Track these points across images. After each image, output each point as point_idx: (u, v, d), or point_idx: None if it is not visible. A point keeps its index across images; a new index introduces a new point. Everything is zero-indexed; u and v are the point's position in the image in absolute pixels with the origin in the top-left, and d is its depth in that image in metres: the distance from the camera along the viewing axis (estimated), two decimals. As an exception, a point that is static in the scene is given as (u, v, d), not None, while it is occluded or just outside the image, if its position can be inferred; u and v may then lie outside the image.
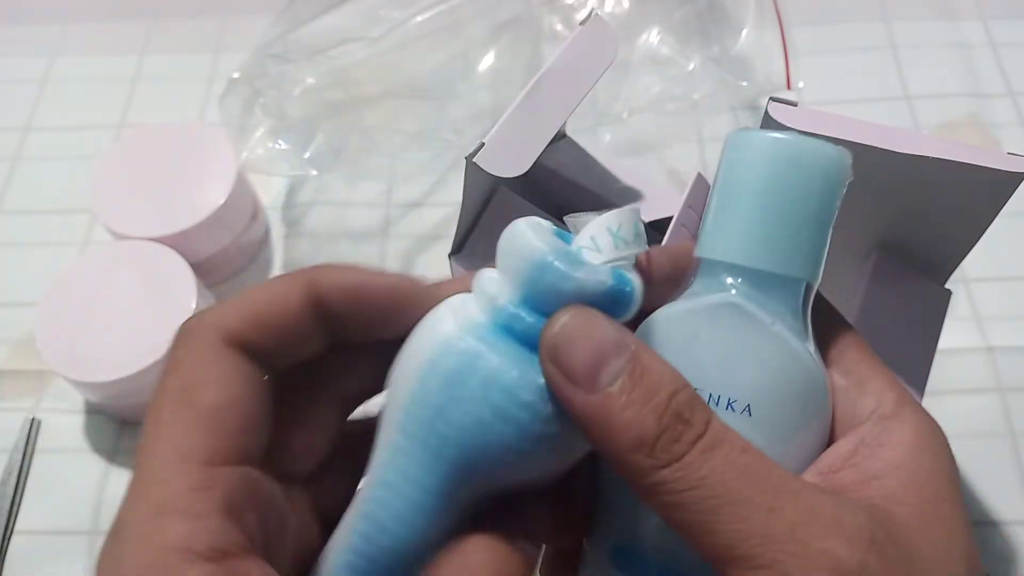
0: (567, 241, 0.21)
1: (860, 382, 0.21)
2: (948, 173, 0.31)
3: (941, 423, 0.47)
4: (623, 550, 0.21)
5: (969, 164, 0.31)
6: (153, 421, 0.20)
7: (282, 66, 0.47)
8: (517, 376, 0.19)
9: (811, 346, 0.20)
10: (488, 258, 0.40)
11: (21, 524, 0.44)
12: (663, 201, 0.40)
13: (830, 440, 0.21)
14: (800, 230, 0.20)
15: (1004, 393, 0.45)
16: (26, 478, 0.45)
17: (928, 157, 0.31)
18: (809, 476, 0.20)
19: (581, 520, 0.22)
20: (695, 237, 0.33)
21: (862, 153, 0.32)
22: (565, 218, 0.22)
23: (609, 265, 0.20)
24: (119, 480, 0.45)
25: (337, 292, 0.22)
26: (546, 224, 0.21)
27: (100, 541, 0.46)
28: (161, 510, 0.18)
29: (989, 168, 0.30)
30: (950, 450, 0.20)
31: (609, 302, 0.19)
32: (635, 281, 0.20)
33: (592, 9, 0.38)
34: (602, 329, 0.19)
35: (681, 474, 0.18)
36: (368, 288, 0.23)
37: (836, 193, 0.20)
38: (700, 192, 0.37)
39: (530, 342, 0.19)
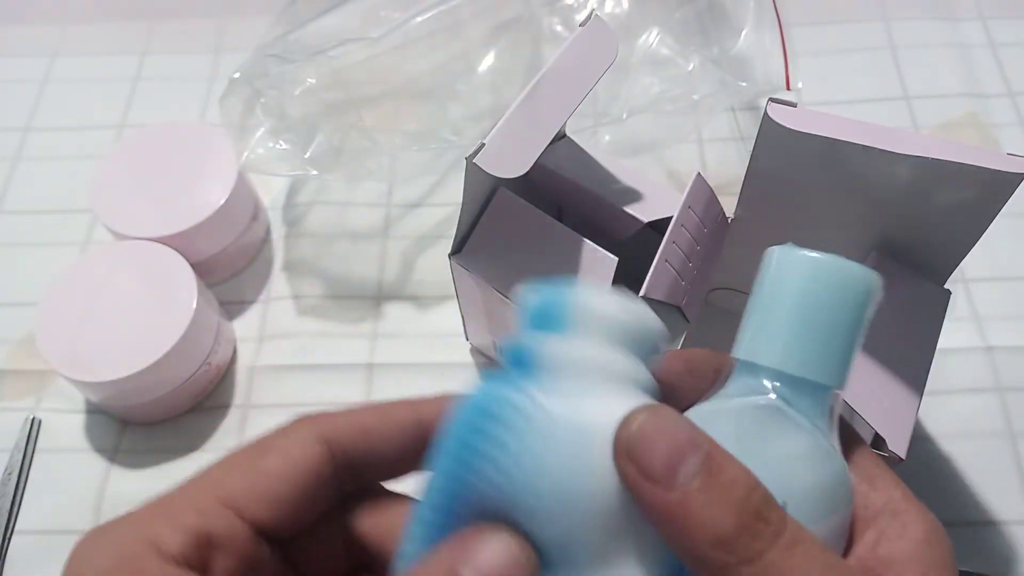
0: None
1: (870, 479, 0.22)
2: (948, 173, 0.31)
3: (941, 423, 0.47)
4: None
5: (969, 164, 0.31)
6: (221, 458, 0.22)
7: (282, 66, 0.47)
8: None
9: (838, 445, 0.22)
10: (488, 258, 0.40)
11: (21, 524, 0.44)
12: (663, 201, 0.40)
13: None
14: (834, 342, 0.22)
15: (1003, 393, 0.45)
16: (26, 478, 0.45)
17: (928, 157, 0.31)
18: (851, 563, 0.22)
19: None
20: (695, 238, 0.33)
21: (862, 154, 0.32)
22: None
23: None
24: (119, 480, 0.45)
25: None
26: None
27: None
28: (161, 511, 0.21)
29: (989, 168, 0.30)
30: (950, 544, 0.22)
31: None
32: (634, 302, 0.21)
33: (592, 10, 0.39)
34: (677, 427, 0.19)
35: (764, 571, 0.18)
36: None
37: (866, 310, 0.22)
38: (699, 192, 0.37)
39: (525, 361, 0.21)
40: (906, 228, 0.35)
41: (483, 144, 0.33)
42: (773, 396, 0.22)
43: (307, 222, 0.54)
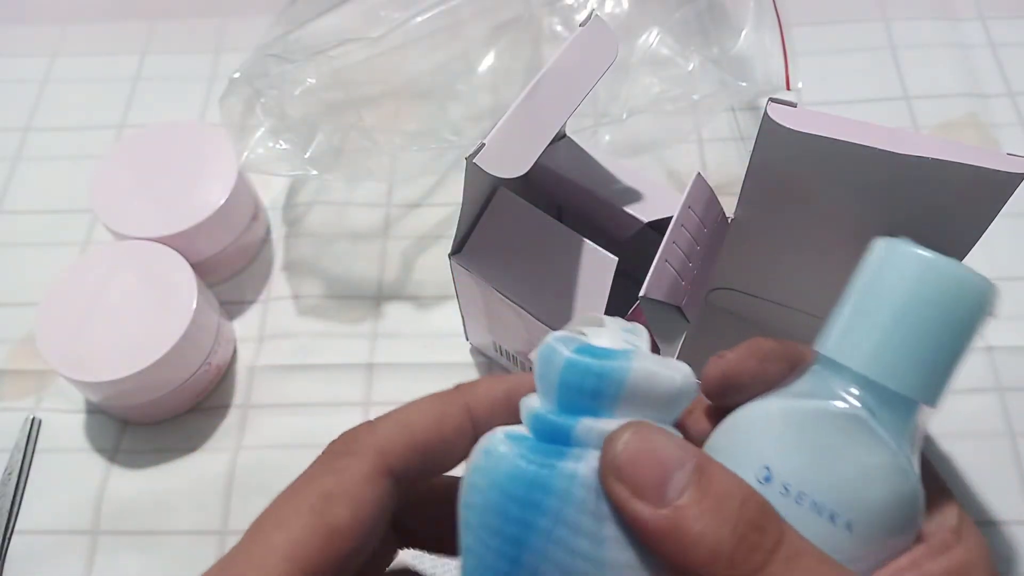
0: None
1: (931, 501, 0.21)
2: (948, 173, 0.31)
3: (941, 423, 0.47)
4: None
5: (969, 164, 0.31)
6: (282, 507, 0.20)
7: (282, 66, 0.47)
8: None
9: (918, 464, 0.20)
10: (488, 258, 0.40)
11: (21, 524, 0.44)
12: (663, 201, 0.40)
13: None
14: (934, 355, 0.20)
15: (1004, 393, 0.45)
16: (26, 478, 0.45)
17: (927, 158, 0.31)
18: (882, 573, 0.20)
19: None
20: (695, 238, 0.32)
21: (862, 153, 0.32)
22: (566, 327, 0.22)
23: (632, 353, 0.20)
24: (119, 480, 0.45)
25: (490, 406, 0.22)
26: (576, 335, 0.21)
27: (100, 541, 0.46)
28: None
29: (989, 168, 0.30)
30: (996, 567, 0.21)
31: (646, 389, 0.19)
32: (679, 368, 0.20)
33: (592, 10, 0.39)
34: (663, 442, 0.19)
35: None
36: (517, 396, 0.22)
37: (978, 324, 0.20)
38: (699, 192, 0.37)
39: (568, 441, 0.19)
40: (906, 228, 0.35)
41: (483, 144, 0.33)
42: (858, 404, 0.20)
43: (307, 222, 0.54)
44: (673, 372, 0.20)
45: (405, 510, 0.23)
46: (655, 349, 0.22)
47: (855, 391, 0.20)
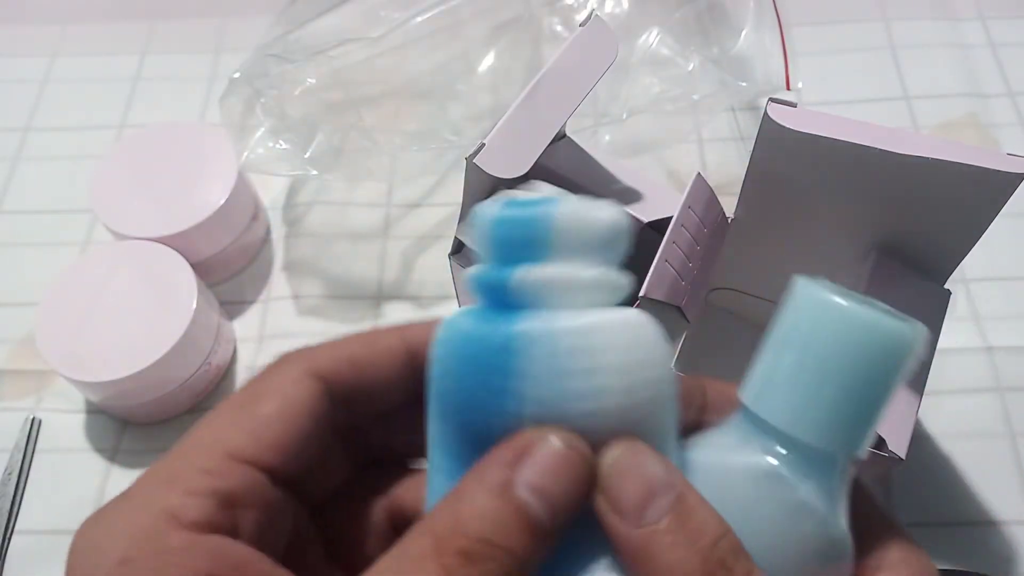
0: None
1: (874, 537, 0.21)
2: (947, 174, 0.31)
3: (941, 423, 0.47)
4: None
5: (969, 164, 0.31)
6: (213, 411, 0.22)
7: (282, 66, 0.47)
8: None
9: (845, 513, 0.20)
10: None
11: (21, 524, 0.44)
12: (663, 201, 0.40)
13: None
14: (855, 409, 0.19)
15: (1003, 393, 0.45)
16: (26, 478, 0.45)
17: (927, 158, 0.31)
18: None
19: None
20: (695, 238, 0.32)
21: (862, 154, 0.32)
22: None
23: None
24: (119, 480, 0.45)
25: (428, 340, 0.22)
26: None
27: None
28: (169, 480, 0.20)
29: (988, 168, 0.30)
30: None
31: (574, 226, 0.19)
32: (606, 207, 0.20)
33: (592, 10, 0.39)
34: (651, 465, 0.19)
35: None
36: None
37: (901, 374, 0.19)
38: (699, 192, 0.37)
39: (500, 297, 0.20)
40: (906, 228, 0.35)
41: (483, 144, 0.33)
42: (774, 461, 0.20)
43: (307, 222, 0.54)
44: (599, 210, 0.20)
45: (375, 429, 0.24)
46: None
47: (776, 445, 0.20)
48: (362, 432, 0.24)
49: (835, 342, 0.19)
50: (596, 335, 0.19)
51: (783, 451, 0.20)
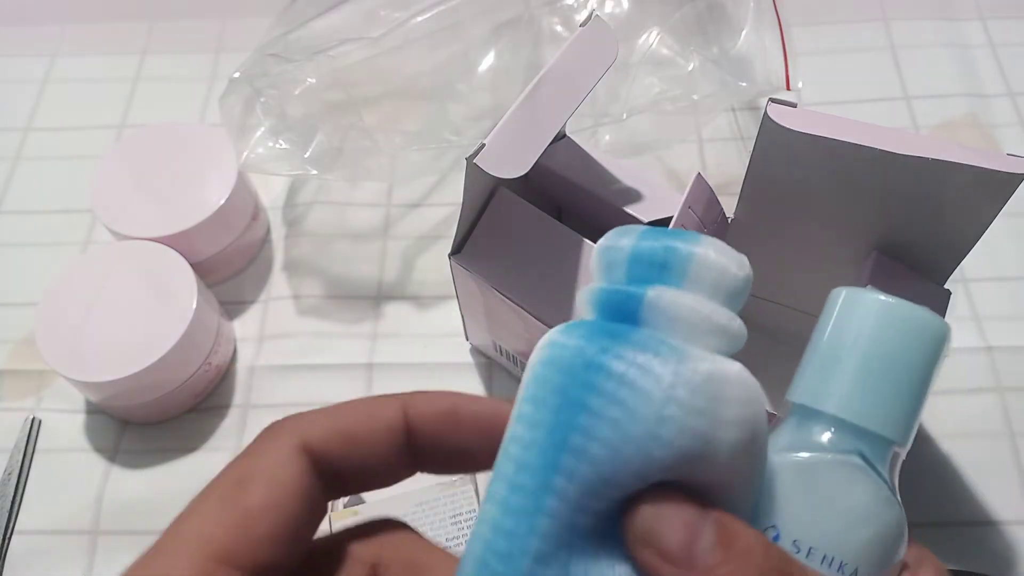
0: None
1: None
2: (947, 174, 0.31)
3: (941, 423, 0.47)
4: None
5: (969, 164, 0.31)
6: (198, 499, 0.20)
7: (282, 66, 0.47)
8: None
9: (898, 496, 0.21)
10: (488, 258, 0.40)
11: (21, 524, 0.44)
12: (663, 201, 0.40)
13: None
14: (906, 399, 0.21)
15: (1003, 393, 0.45)
16: (26, 478, 0.45)
17: (927, 158, 0.31)
18: None
19: None
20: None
21: (862, 154, 0.32)
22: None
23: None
24: (119, 480, 0.45)
25: (432, 417, 0.21)
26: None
27: (100, 541, 0.46)
28: None
29: (988, 168, 0.30)
30: None
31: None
32: (740, 259, 0.20)
33: (592, 10, 0.39)
34: (683, 504, 0.19)
35: None
36: (464, 413, 0.22)
37: (939, 361, 0.21)
38: (700, 192, 0.37)
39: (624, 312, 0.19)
40: (906, 228, 0.35)
41: (483, 144, 0.33)
42: (849, 450, 0.21)
43: (307, 222, 0.54)
44: (738, 258, 0.20)
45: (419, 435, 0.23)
46: None
47: (839, 437, 0.21)
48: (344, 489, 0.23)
49: (886, 333, 0.21)
50: (727, 386, 0.18)
51: (848, 439, 0.21)
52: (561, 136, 0.43)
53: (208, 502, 0.20)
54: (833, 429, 0.21)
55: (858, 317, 0.21)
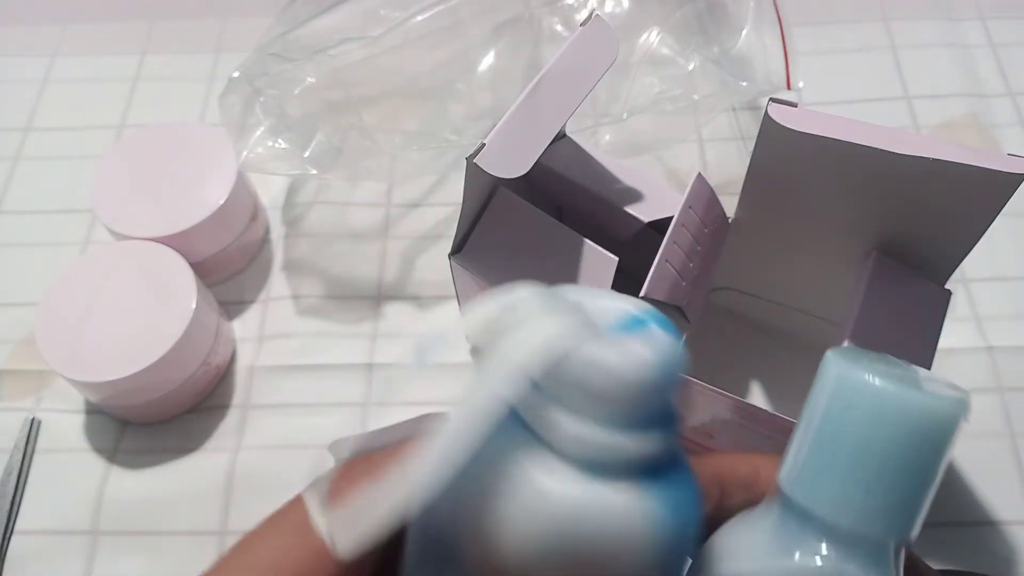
0: None
1: None
2: (948, 174, 0.31)
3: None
4: None
5: (969, 164, 0.31)
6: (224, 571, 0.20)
7: (282, 66, 0.47)
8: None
9: None
10: (488, 258, 0.40)
11: (21, 524, 0.44)
12: (663, 201, 0.40)
13: None
14: (906, 492, 0.18)
15: (1004, 393, 0.45)
16: (26, 478, 0.45)
17: (927, 158, 0.31)
18: None
19: None
20: (696, 238, 0.32)
21: (862, 154, 0.32)
22: None
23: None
24: (119, 480, 0.45)
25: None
26: None
27: (100, 541, 0.46)
28: None
29: (989, 168, 0.30)
30: None
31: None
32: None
33: (592, 10, 0.39)
34: None
35: None
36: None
37: (948, 450, 0.19)
38: (700, 192, 0.37)
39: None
40: (906, 228, 0.35)
41: (483, 144, 0.33)
42: (852, 566, 0.18)
43: (307, 222, 0.53)
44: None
45: None
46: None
47: (824, 539, 0.19)
48: None
49: (883, 430, 0.18)
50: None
51: (833, 541, 0.19)
52: (561, 136, 0.43)
53: None
54: (815, 526, 0.19)
55: (853, 407, 0.18)
